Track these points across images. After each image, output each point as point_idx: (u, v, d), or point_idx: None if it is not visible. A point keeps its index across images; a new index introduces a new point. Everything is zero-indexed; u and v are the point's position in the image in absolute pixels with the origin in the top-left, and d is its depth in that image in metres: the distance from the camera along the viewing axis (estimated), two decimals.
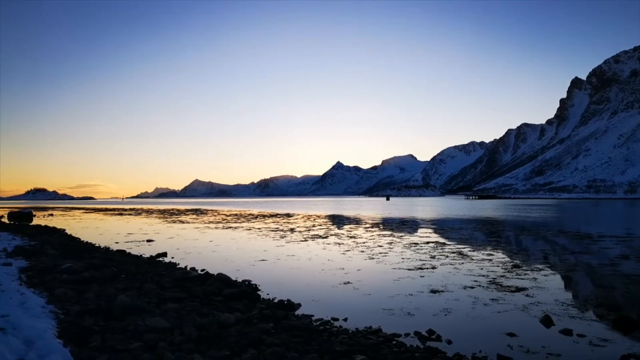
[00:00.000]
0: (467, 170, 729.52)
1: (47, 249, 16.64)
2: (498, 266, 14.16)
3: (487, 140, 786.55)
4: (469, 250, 18.04)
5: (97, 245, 20.83)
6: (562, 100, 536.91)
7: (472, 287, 11.04)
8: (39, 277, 10.87)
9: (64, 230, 30.87)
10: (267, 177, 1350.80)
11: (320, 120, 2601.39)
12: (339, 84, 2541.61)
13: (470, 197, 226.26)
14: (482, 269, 13.71)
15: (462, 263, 14.83)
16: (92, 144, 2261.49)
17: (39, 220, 45.80)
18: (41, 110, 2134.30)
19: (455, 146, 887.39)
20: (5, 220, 42.86)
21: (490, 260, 15.51)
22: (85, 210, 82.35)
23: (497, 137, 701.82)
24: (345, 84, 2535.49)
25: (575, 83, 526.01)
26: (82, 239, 23.95)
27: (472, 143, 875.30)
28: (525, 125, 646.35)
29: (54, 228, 32.41)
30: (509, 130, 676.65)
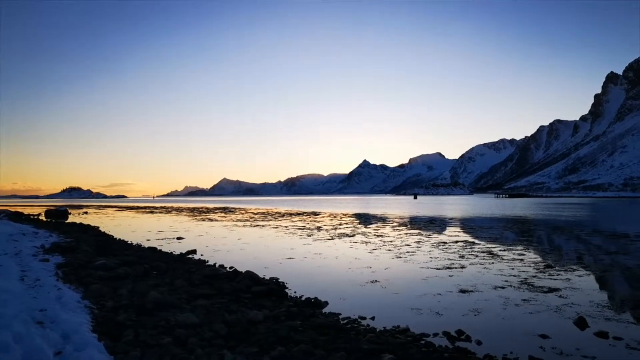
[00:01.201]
0: (497, 168, 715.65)
1: (82, 246, 17.14)
2: (530, 266, 13.83)
3: (517, 138, 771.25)
4: (499, 250, 17.68)
5: (129, 242, 21.37)
6: (596, 96, 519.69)
7: (503, 287, 10.82)
8: (74, 273, 11.21)
9: (98, 227, 31.77)
10: (294, 175, 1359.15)
11: (347, 119, 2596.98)
12: (365, 82, 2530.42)
13: (501, 196, 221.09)
14: (513, 268, 13.42)
15: (492, 263, 14.55)
16: (125, 144, 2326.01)
17: (75, 217, 47.30)
18: (77, 111, 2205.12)
19: (485, 144, 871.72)
20: (42, 217, 44.44)
21: (522, 260, 15.16)
22: (118, 208, 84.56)
23: (529, 134, 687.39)
24: (372, 81, 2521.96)
25: (611, 78, 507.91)
26: (115, 237, 24.60)
27: (502, 140, 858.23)
28: (558, 121, 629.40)
29: (89, 225, 33.40)
30: (541, 127, 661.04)
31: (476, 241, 20.97)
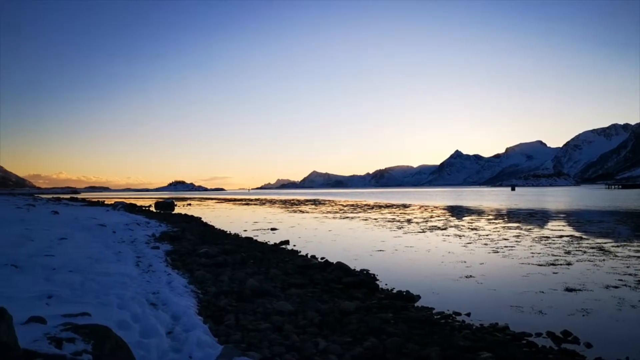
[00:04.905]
0: (607, 156, 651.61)
1: (187, 235, 18.54)
2: None
3: (632, 122, 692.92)
4: (612, 246, 16.08)
5: (228, 232, 22.70)
6: None
7: (616, 287, 9.84)
8: (181, 260, 12.18)
9: (200, 218, 34.08)
10: (382, 167, 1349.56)
11: (438, 108, 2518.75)
12: (457, 68, 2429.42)
13: (612, 187, 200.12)
14: (628, 267, 12.14)
15: (604, 260, 13.28)
16: (224, 141, 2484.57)
17: (180, 209, 51.20)
18: (182, 112, 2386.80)
19: (593, 130, 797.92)
20: (152, 209, 48.72)
21: (639, 257, 13.66)
22: (217, 200, 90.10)
23: None
24: (465, 68, 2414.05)
25: None
26: (215, 226, 26.27)
27: (614, 126, 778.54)
28: None
29: (192, 216, 35.97)
30: None
31: (584, 236, 19.27)
